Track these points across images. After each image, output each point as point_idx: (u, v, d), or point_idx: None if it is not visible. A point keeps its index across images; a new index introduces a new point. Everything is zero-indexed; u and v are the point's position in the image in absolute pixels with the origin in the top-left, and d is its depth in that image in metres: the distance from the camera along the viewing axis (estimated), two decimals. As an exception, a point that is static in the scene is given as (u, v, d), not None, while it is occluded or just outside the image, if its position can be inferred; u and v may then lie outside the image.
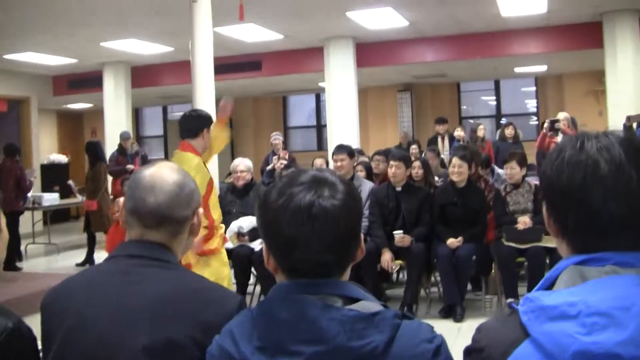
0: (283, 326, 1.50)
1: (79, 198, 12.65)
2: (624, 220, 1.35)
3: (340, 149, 7.88)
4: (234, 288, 6.00)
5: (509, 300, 1.53)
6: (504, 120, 18.92)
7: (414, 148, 13.10)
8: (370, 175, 8.68)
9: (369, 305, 1.53)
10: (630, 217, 1.36)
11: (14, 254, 10.89)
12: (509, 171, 7.46)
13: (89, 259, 11.04)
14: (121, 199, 1.94)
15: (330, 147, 13.15)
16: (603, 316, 1.24)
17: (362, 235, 1.66)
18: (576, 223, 1.39)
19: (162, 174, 2.09)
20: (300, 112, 22.10)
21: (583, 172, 1.37)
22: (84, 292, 1.97)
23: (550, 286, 1.39)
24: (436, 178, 8.83)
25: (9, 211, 10.60)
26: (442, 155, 11.65)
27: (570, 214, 1.40)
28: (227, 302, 1.91)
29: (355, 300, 1.55)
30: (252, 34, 12.51)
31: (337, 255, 1.58)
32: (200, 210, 2.18)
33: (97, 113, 16.67)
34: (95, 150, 11.39)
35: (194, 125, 5.40)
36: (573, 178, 1.37)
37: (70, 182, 11.98)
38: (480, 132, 11.95)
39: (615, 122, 11.45)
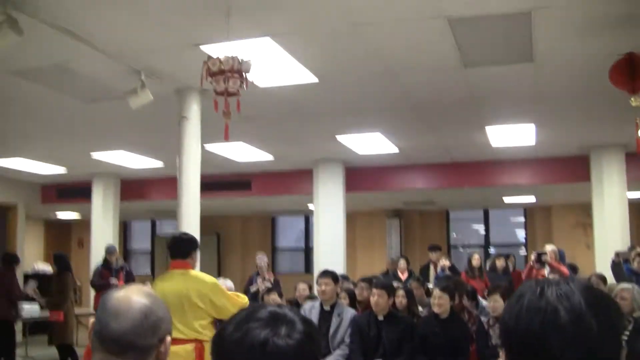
0: None
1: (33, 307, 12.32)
2: None
3: (325, 274, 7.80)
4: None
5: None
6: (492, 250, 18.95)
7: (402, 262, 12.97)
8: (353, 302, 8.56)
9: None
10: None
11: None
12: (492, 304, 7.40)
13: None
14: (91, 320, 1.88)
15: (317, 270, 13.06)
16: None
17: None
18: None
19: (129, 299, 2.02)
20: (289, 233, 22.11)
21: (541, 319, 1.32)
22: None
23: None
24: (420, 308, 8.71)
25: (0, 320, 10.46)
26: (429, 285, 11.52)
27: None
28: None
29: None
30: (242, 154, 12.62)
31: None
32: (169, 338, 2.09)
33: (85, 224, 16.64)
34: (62, 260, 11.32)
35: (186, 247, 5.83)
36: (531, 325, 1.32)
37: (30, 289, 11.76)
38: (475, 262, 11.86)
39: (603, 255, 11.45)
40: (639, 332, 6.71)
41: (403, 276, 12.40)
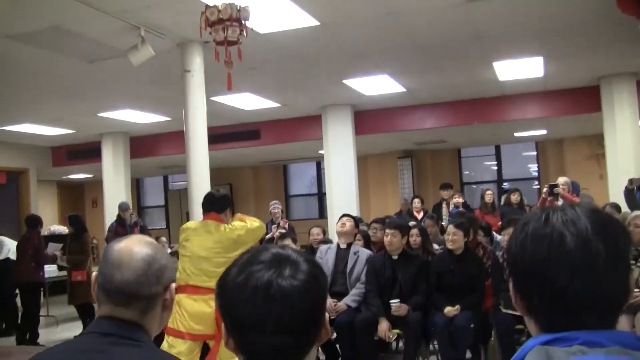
0: None
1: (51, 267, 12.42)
2: (591, 297, 1.28)
3: (348, 215, 8.07)
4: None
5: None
6: (506, 185, 18.93)
7: (417, 202, 13.02)
8: (368, 244, 8.59)
9: None
10: (598, 294, 1.28)
11: (34, 327, 10.78)
12: (507, 237, 7.35)
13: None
14: (94, 274, 1.86)
15: (330, 215, 13.10)
16: None
17: (326, 317, 1.55)
18: (541, 301, 1.31)
19: (130, 249, 2.02)
20: (301, 180, 22.15)
21: (547, 247, 1.29)
22: None
23: (516, 369, 1.30)
24: (436, 246, 8.72)
25: (28, 282, 10.57)
26: (442, 223, 11.53)
27: (535, 292, 1.31)
28: None
29: None
30: (249, 103, 12.57)
31: (294, 338, 1.47)
32: (173, 285, 2.10)
33: (98, 183, 16.65)
34: (79, 221, 11.36)
35: (221, 203, 6.16)
36: (536, 253, 1.30)
37: (56, 250, 11.85)
38: (488, 198, 11.84)
39: (616, 185, 11.40)
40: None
41: (419, 215, 12.43)
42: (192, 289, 5.76)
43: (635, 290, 6.62)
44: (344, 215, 8.06)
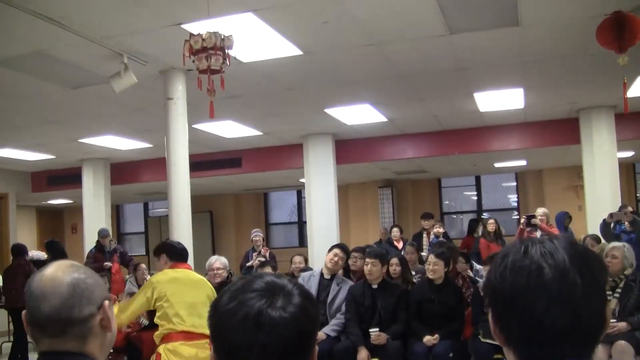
0: None
1: None
2: (568, 328, 1.30)
3: (342, 247, 7.94)
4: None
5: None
6: (485, 215, 19.01)
7: (395, 231, 13.08)
8: (347, 272, 8.59)
9: None
10: (575, 324, 1.30)
11: (25, 351, 10.76)
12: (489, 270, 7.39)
13: None
14: (23, 312, 1.77)
15: (310, 243, 13.09)
16: None
17: (315, 350, 1.54)
18: (520, 332, 1.33)
19: (52, 277, 1.91)
20: (282, 208, 22.16)
21: (526, 278, 1.32)
22: None
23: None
24: (413, 273, 8.75)
25: (21, 307, 10.52)
26: (422, 253, 11.55)
27: (514, 322, 1.33)
28: None
29: None
30: (231, 131, 12.58)
31: None
32: (107, 302, 1.97)
33: (77, 209, 16.59)
34: (56, 247, 11.39)
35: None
36: (515, 284, 1.32)
37: None
38: (491, 227, 11.89)
39: (594, 216, 11.48)
40: (630, 289, 6.78)
41: (399, 245, 12.48)
42: (188, 336, 5.60)
43: (612, 320, 6.68)
44: (336, 246, 7.94)
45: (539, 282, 1.31)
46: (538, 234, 9.76)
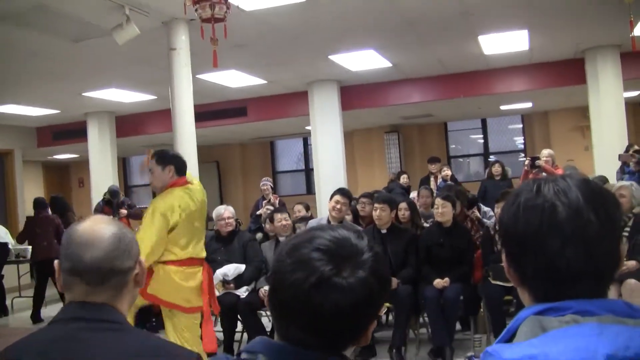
0: None
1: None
2: (583, 267, 1.30)
3: (342, 192, 7.72)
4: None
5: (469, 354, 1.47)
6: (492, 158, 19.00)
7: (404, 177, 13.15)
8: (356, 219, 8.62)
9: None
10: (590, 263, 1.30)
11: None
12: (499, 210, 7.40)
13: None
14: (56, 262, 1.80)
15: (318, 190, 13.12)
16: None
17: (372, 325, 1.50)
18: (535, 271, 1.33)
19: (95, 229, 1.98)
20: (288, 156, 22.14)
21: (539, 217, 1.31)
22: None
23: (511, 338, 1.32)
24: (423, 221, 8.77)
25: (50, 259, 10.76)
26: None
27: (528, 263, 1.33)
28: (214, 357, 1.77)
29: None
30: (236, 80, 12.53)
31: (323, 341, 1.45)
32: (142, 259, 2.08)
33: (84, 163, 16.54)
34: (59, 202, 11.49)
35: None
36: (529, 224, 1.32)
37: None
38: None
39: (601, 156, 11.48)
40: (639, 227, 6.80)
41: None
42: (185, 262, 5.44)
43: (622, 259, 6.70)
44: (337, 192, 7.75)
45: (552, 221, 1.30)
46: (543, 175, 9.77)
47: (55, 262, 2.00)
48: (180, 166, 5.56)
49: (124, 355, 1.83)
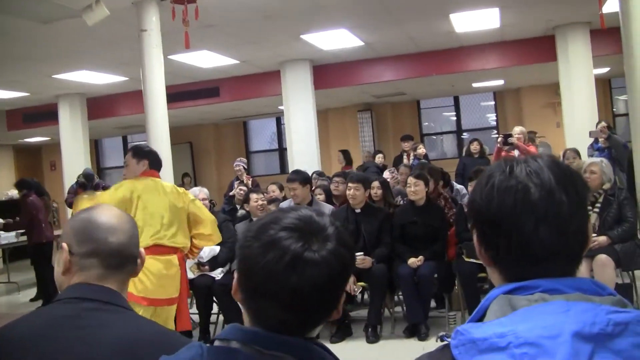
0: None
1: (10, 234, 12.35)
2: (556, 246, 1.32)
3: (292, 178, 7.81)
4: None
5: (441, 333, 1.49)
6: (465, 135, 19.09)
7: (380, 157, 13.19)
8: (329, 198, 8.63)
9: None
10: (562, 243, 1.32)
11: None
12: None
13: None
14: (64, 244, 1.81)
15: (292, 170, 13.11)
16: (532, 346, 1.19)
17: (342, 298, 1.53)
18: (507, 251, 1.35)
19: (115, 213, 2.06)
20: (262, 136, 22.12)
21: (513, 198, 1.32)
22: (36, 344, 1.85)
23: (481, 317, 1.34)
24: (399, 198, 8.80)
25: (46, 241, 10.75)
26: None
27: (501, 243, 1.35)
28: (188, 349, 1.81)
29: None
30: (208, 61, 12.47)
31: (303, 317, 1.47)
32: (142, 249, 2.14)
33: (56, 146, 16.38)
34: (36, 186, 11.39)
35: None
36: (503, 205, 1.33)
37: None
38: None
39: (572, 132, 11.58)
40: (609, 203, 6.88)
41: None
42: (157, 249, 5.33)
43: (593, 235, 6.79)
44: (289, 179, 7.87)
45: (526, 202, 1.31)
46: (516, 152, 9.82)
47: (64, 244, 2.02)
48: (154, 161, 5.62)
49: (132, 337, 1.86)
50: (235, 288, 1.53)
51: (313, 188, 8.37)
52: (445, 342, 1.34)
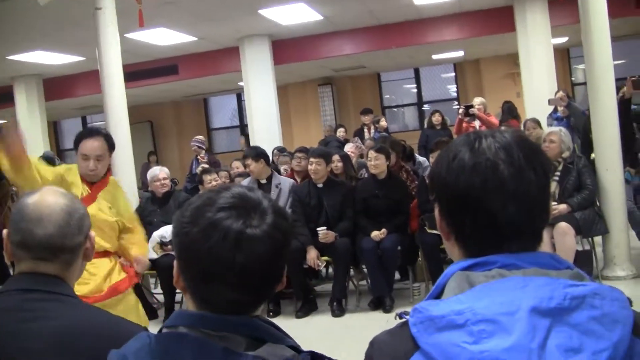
0: None
1: None
2: (521, 225, 1.31)
3: (246, 154, 7.80)
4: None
5: (399, 311, 1.49)
6: (427, 107, 19.16)
7: (341, 131, 13.20)
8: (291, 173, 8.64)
9: (275, 350, 1.42)
10: (529, 220, 1.32)
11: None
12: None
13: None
14: (4, 231, 1.76)
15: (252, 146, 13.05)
16: (489, 323, 1.18)
17: (285, 270, 1.55)
18: (472, 228, 1.33)
19: (48, 202, 1.95)
20: (223, 112, 22.01)
21: (482, 176, 1.30)
22: None
23: (440, 293, 1.33)
24: (363, 170, 8.79)
25: None
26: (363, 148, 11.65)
27: (467, 219, 1.33)
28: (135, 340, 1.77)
29: (262, 341, 1.45)
30: (165, 38, 12.33)
31: (254, 295, 1.48)
32: (92, 233, 2.07)
33: (13, 128, 16.06)
34: None
35: None
36: (471, 181, 1.30)
37: None
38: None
39: (532, 102, 11.65)
40: (569, 171, 6.95)
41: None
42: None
43: (553, 203, 6.86)
44: (244, 153, 7.88)
45: (495, 180, 1.30)
46: (477, 123, 9.87)
47: (4, 231, 1.97)
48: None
49: (75, 327, 1.82)
50: (177, 277, 1.52)
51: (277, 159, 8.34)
52: (404, 320, 1.33)
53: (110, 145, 4.49)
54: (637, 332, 1.21)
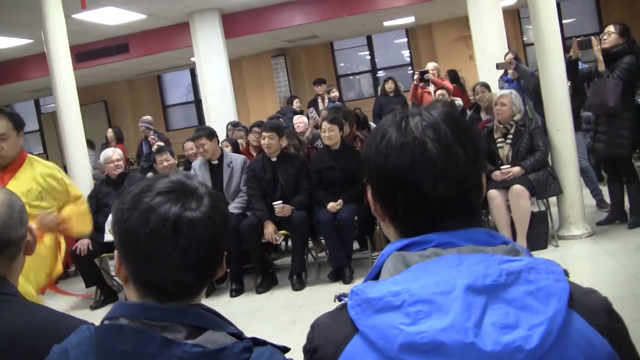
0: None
1: None
2: (453, 201, 1.31)
3: (199, 134, 7.64)
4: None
5: (339, 293, 1.49)
6: (382, 74, 19.18)
7: (296, 102, 13.18)
8: (237, 150, 8.60)
9: (215, 337, 1.43)
10: (461, 197, 1.32)
11: None
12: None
13: None
14: None
15: (209, 122, 13.00)
16: (426, 303, 1.19)
17: (224, 253, 1.58)
18: (405, 208, 1.33)
19: None
20: (177, 89, 21.83)
21: (410, 155, 1.29)
22: None
23: (377, 275, 1.34)
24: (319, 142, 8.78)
25: None
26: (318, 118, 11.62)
27: (399, 199, 1.33)
28: (77, 334, 1.67)
29: (203, 329, 1.45)
30: (114, 17, 12.14)
31: (198, 275, 1.50)
32: (33, 225, 2.03)
33: (-37, 114, 15.83)
34: None
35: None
36: (400, 161, 1.30)
37: None
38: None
39: (484, 65, 11.70)
40: (521, 134, 7.01)
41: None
42: None
43: (507, 166, 6.93)
44: (194, 136, 7.79)
45: (423, 159, 1.29)
46: (431, 88, 9.91)
47: None
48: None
49: (22, 328, 1.78)
50: (118, 266, 1.52)
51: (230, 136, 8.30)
52: (343, 302, 1.33)
53: (16, 124, 4.13)
54: (573, 304, 1.21)
